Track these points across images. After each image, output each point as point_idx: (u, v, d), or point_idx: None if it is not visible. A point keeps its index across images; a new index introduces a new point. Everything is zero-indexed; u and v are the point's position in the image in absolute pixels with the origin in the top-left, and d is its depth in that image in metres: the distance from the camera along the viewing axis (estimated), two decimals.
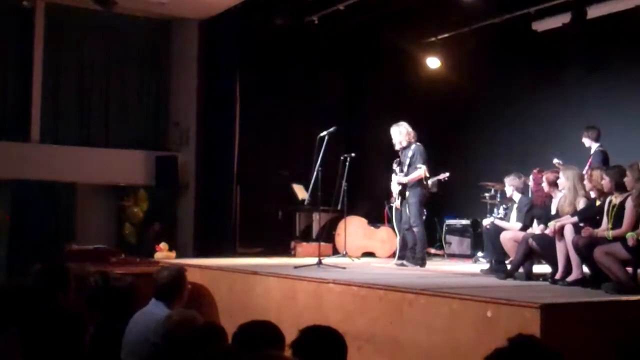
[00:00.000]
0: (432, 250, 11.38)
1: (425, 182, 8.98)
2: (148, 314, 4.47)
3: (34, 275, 4.93)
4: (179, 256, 10.57)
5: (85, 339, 3.07)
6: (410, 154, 8.94)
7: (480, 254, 9.88)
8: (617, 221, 6.51)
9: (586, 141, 9.29)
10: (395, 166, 9.22)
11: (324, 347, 2.92)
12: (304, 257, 9.85)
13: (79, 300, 4.89)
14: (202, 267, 9.00)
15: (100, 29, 12.23)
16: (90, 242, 10.50)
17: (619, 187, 6.59)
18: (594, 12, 10.40)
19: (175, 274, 4.68)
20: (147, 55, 12.87)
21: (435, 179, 9.77)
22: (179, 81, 12.76)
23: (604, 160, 8.87)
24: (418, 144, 9.01)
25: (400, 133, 9.03)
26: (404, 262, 8.99)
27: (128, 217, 12.21)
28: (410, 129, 9.05)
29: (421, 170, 8.83)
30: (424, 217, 11.29)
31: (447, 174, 9.53)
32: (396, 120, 9.21)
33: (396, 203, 9.28)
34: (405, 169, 8.97)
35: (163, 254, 10.51)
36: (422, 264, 8.85)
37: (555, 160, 8.67)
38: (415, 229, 8.94)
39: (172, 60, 12.92)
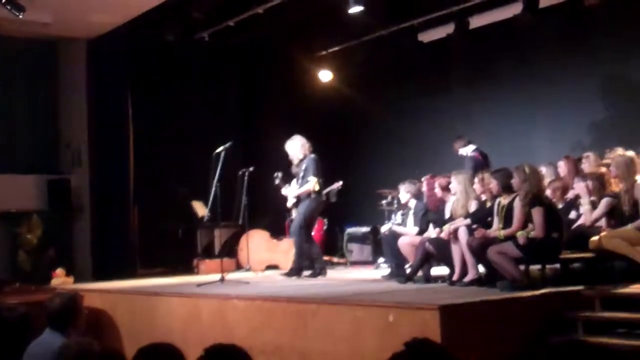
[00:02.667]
0: (335, 259, 11.50)
1: (316, 194, 8.99)
2: (43, 345, 4.32)
3: None
4: (77, 281, 10.27)
5: None
6: (303, 166, 9.02)
7: (381, 260, 10.06)
8: (507, 221, 6.79)
9: (460, 151, 9.68)
10: (277, 177, 9.39)
11: None
12: (207, 275, 9.76)
13: None
14: (101, 291, 8.79)
15: None
16: None
17: (507, 188, 6.87)
18: (476, 22, 10.82)
19: (68, 301, 4.54)
20: (35, 76, 12.46)
21: (329, 189, 9.90)
22: (68, 102, 12.41)
23: (476, 165, 9.16)
24: (312, 155, 9.05)
25: (295, 147, 9.09)
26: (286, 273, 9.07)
27: (21, 244, 11.75)
28: (304, 141, 9.10)
29: (310, 184, 8.89)
30: (324, 227, 11.48)
31: (340, 183, 9.65)
32: (292, 132, 9.30)
33: (293, 215, 9.36)
34: (299, 181, 9.06)
35: (60, 279, 10.19)
36: (296, 274, 8.92)
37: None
38: (292, 239, 9.05)
39: (61, 81, 12.56)
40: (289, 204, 9.41)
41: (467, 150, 9.59)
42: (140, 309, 8.04)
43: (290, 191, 9.28)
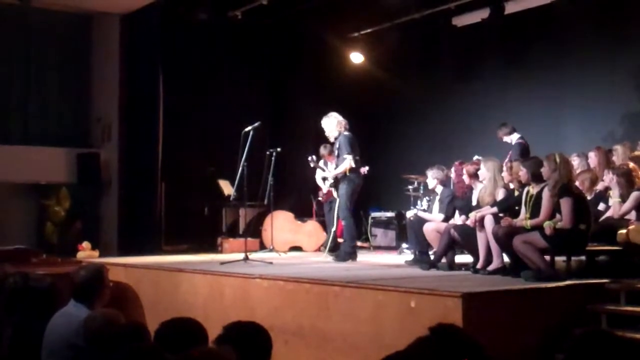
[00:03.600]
0: (359, 243, 11.46)
1: (353, 172, 8.76)
2: (68, 315, 4.37)
3: None
4: (102, 255, 10.37)
5: (3, 340, 2.99)
6: (337, 145, 8.95)
7: (404, 245, 10.03)
8: (534, 211, 6.71)
9: (505, 138, 9.59)
10: (312, 160, 9.26)
11: (249, 342, 2.92)
12: (231, 253, 9.81)
13: None
14: (126, 265, 8.87)
15: (19, 23, 11.87)
16: (10, 242, 10.18)
17: (536, 177, 6.79)
18: (511, 7, 10.69)
19: (94, 273, 4.58)
20: (68, 50, 12.56)
21: None
22: (100, 77, 12.50)
23: (523, 151, 9.15)
24: (345, 133, 8.87)
25: (331, 123, 8.96)
26: (331, 255, 9.02)
27: (49, 216, 11.90)
28: (340, 118, 8.95)
29: (346, 162, 8.70)
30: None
31: (367, 168, 9.62)
32: (321, 114, 9.24)
33: (320, 196, 9.34)
34: (335, 160, 9.01)
35: (86, 253, 10.30)
36: (352, 258, 8.76)
37: (476, 157, 8.89)
38: (343, 222, 8.98)
39: (94, 55, 12.65)
40: (327, 186, 9.41)
41: (513, 138, 9.49)
42: (163, 284, 8.10)
43: (328, 173, 9.30)
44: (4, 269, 6.00)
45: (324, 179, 9.87)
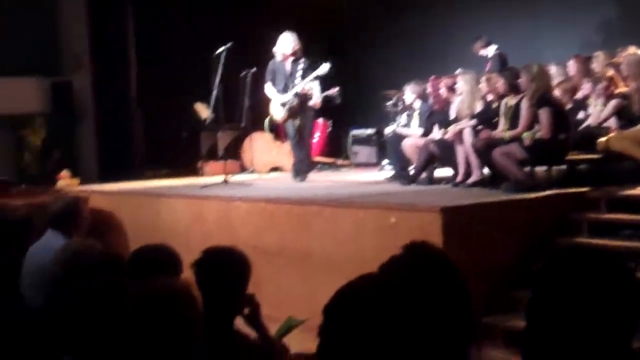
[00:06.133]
0: (339, 161, 11.45)
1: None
2: (44, 245, 4.34)
3: None
4: (82, 183, 10.29)
5: None
6: (302, 66, 8.64)
7: (385, 161, 10.00)
8: (513, 122, 6.69)
9: (481, 51, 9.47)
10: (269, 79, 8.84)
11: (227, 267, 2.89)
12: (211, 176, 9.75)
13: None
14: (106, 192, 8.82)
15: None
16: None
17: (514, 88, 6.74)
18: None
19: (70, 203, 4.53)
20: None
21: (325, 94, 9.68)
22: (69, 2, 12.13)
23: (502, 63, 9.04)
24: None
25: (292, 42, 8.65)
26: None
27: (26, 147, 11.75)
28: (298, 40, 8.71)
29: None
30: (329, 129, 11.42)
31: (337, 89, 9.43)
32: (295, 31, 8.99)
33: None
34: (298, 81, 8.64)
35: (66, 181, 10.21)
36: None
37: (459, 70, 8.76)
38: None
39: None
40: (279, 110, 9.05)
41: (490, 50, 9.37)
42: (144, 210, 8.07)
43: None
44: None
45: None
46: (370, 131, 11.35)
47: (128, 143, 11.41)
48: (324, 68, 8.68)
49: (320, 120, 11.14)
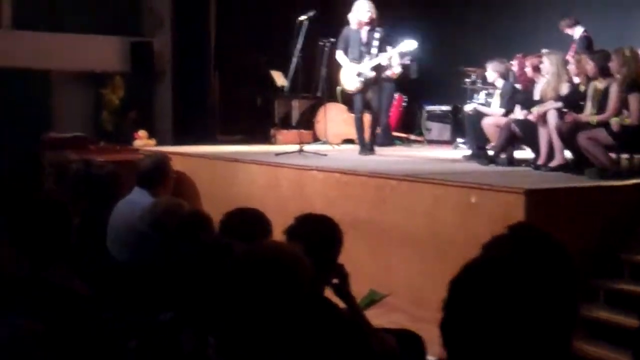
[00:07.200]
0: (412, 137, 11.36)
1: None
2: (131, 202, 4.42)
3: (10, 164, 4.85)
4: (158, 144, 10.46)
5: (71, 226, 3.02)
6: (379, 35, 8.39)
7: (460, 140, 9.88)
8: (601, 106, 6.49)
9: (567, 30, 9.21)
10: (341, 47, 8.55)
11: (319, 234, 2.89)
12: (284, 145, 9.79)
13: (60, 188, 4.83)
14: (183, 154, 8.94)
15: None
16: (68, 130, 10.32)
17: (604, 72, 6.53)
18: None
19: (159, 161, 4.61)
20: None
21: (401, 62, 9.54)
22: None
23: (588, 46, 8.79)
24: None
25: (369, 9, 8.38)
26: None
27: (105, 105, 11.99)
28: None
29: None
30: (403, 104, 11.32)
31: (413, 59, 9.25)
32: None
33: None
34: (374, 51, 8.38)
35: (142, 141, 10.41)
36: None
37: (543, 50, 8.56)
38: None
39: None
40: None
41: (577, 32, 9.12)
42: (220, 174, 8.17)
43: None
44: (65, 155, 6.10)
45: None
46: (445, 108, 11.19)
47: (203, 106, 11.54)
48: (411, 45, 8.56)
49: (396, 95, 11.06)
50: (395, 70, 10.38)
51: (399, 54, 9.41)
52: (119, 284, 3.41)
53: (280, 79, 10.99)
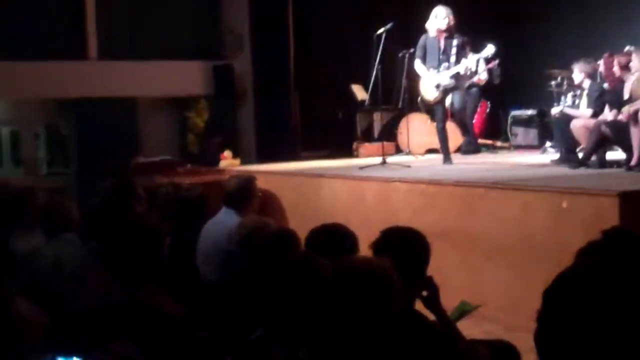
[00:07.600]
0: (498, 143, 11.15)
1: None
2: (219, 222, 4.50)
3: (103, 191, 5.00)
4: (243, 163, 10.61)
5: (164, 249, 3.09)
6: (457, 42, 8.28)
7: (548, 144, 9.64)
8: None
9: None
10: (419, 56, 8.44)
11: (406, 247, 2.86)
12: (367, 158, 9.77)
13: (151, 211, 4.95)
14: (267, 172, 9.03)
15: None
16: (155, 154, 10.60)
17: None
18: None
19: (245, 182, 4.68)
20: None
21: (487, 67, 9.38)
22: None
23: None
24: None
25: (447, 16, 8.26)
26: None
27: (190, 128, 12.29)
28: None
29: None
30: (487, 110, 11.15)
31: (497, 61, 9.10)
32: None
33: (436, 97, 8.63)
34: (452, 59, 8.29)
35: (228, 161, 10.58)
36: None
37: (628, 48, 8.27)
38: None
39: None
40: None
41: None
42: (304, 190, 8.21)
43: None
44: (154, 180, 6.26)
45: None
46: (531, 112, 10.94)
47: (286, 124, 11.64)
48: (489, 50, 8.43)
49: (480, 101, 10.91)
50: (482, 76, 10.23)
51: (484, 60, 9.26)
52: (209, 304, 3.45)
53: (360, 92, 11.01)
